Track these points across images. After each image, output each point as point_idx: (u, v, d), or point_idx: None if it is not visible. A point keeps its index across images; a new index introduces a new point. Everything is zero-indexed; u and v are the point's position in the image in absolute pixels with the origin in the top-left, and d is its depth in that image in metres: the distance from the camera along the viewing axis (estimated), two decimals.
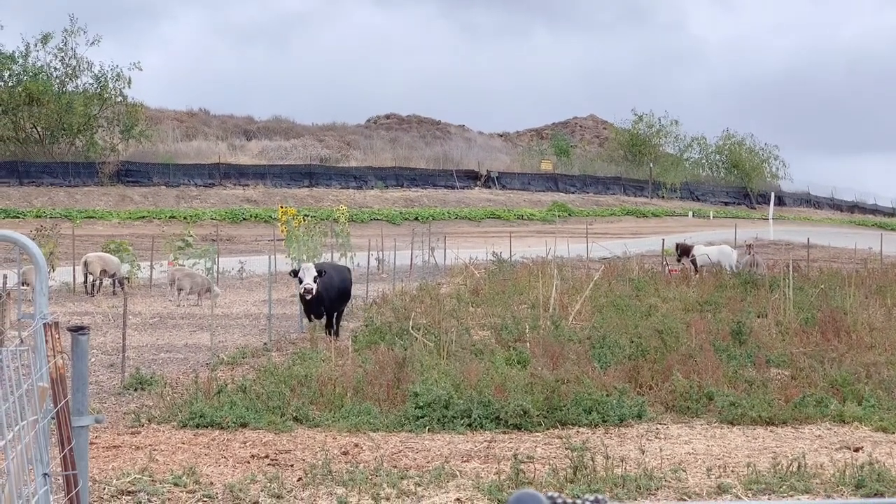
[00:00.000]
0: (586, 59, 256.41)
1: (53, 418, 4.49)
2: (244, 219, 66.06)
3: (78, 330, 4.92)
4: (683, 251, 34.11)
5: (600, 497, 1.97)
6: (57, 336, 4.43)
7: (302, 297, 20.00)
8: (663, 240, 38.21)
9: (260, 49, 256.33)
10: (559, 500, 1.97)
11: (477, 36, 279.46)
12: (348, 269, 23.34)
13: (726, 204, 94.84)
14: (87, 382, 5.02)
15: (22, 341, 4.26)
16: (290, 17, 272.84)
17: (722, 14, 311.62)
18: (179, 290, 29.19)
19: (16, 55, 71.90)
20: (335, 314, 20.83)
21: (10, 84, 71.58)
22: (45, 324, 4.42)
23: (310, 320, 20.71)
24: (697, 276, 31.84)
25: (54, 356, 4.37)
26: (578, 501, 1.97)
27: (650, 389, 13.94)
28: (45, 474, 4.19)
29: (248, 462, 10.62)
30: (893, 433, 11.98)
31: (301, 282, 19.67)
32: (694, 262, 33.03)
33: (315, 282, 19.55)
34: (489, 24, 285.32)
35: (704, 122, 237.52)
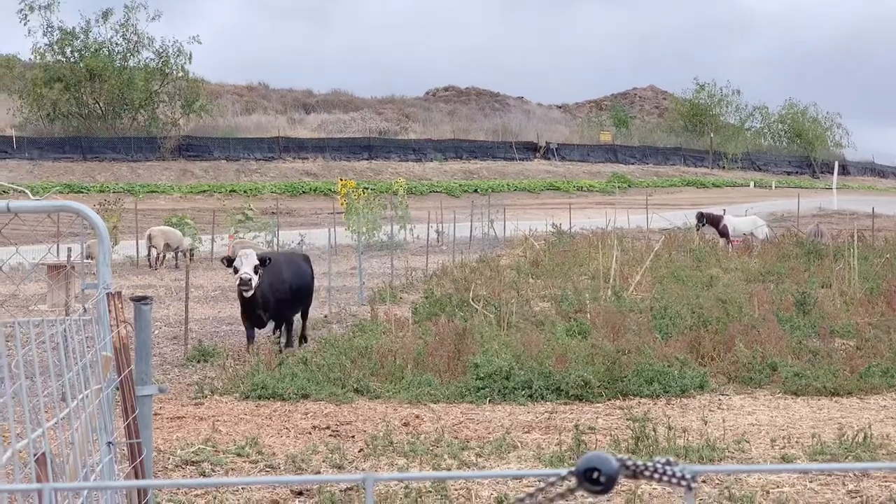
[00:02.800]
0: (641, 29, 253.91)
1: (117, 388, 4.53)
2: (303, 192, 66.35)
3: (141, 300, 4.94)
4: (712, 221, 33.52)
5: (671, 459, 1.93)
6: (120, 306, 4.46)
7: (240, 293, 15.32)
8: (700, 213, 37.68)
9: (312, 22, 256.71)
10: (629, 463, 1.93)
11: (525, 7, 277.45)
12: (306, 259, 17.86)
13: (788, 174, 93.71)
14: (151, 352, 5.05)
15: (86, 311, 4.29)
16: None
17: None
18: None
19: (77, 31, 72.53)
20: (285, 321, 16.47)
21: (71, 60, 72.25)
22: (108, 293, 4.44)
23: (249, 335, 15.74)
24: (729, 246, 31.45)
25: (117, 326, 4.39)
26: (650, 464, 1.94)
27: (712, 360, 13.82)
28: (110, 443, 4.22)
29: (310, 433, 10.67)
30: None
31: (236, 271, 15.08)
32: (725, 232, 32.55)
33: (256, 273, 14.99)
34: None
35: (763, 91, 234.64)
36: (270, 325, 16.21)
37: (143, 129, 73.78)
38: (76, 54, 72.44)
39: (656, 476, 1.92)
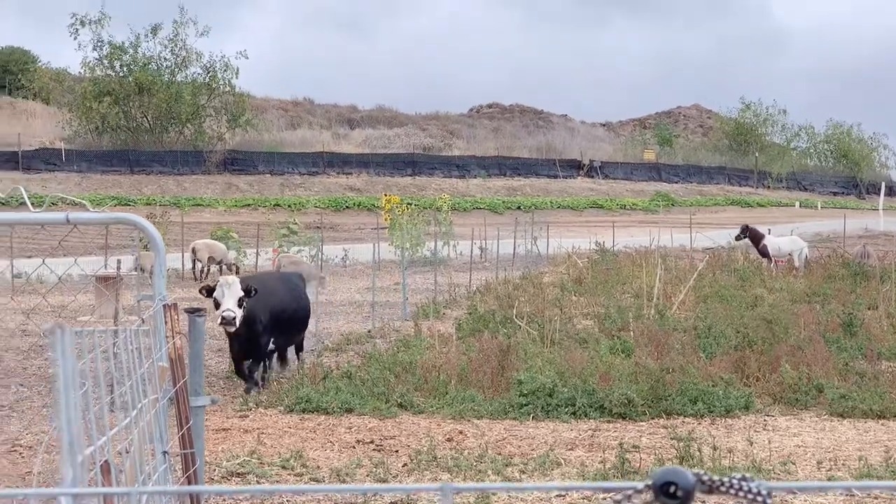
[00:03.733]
0: (682, 47, 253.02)
1: (171, 398, 4.59)
2: (347, 207, 66.58)
3: (195, 312, 5.02)
4: (754, 238, 33.18)
5: (747, 476, 1.95)
6: (176, 317, 4.53)
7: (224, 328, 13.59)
8: (746, 225, 37.47)
9: (352, 38, 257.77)
10: (705, 478, 1.96)
11: (568, 24, 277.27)
12: (300, 278, 16.31)
13: (834, 194, 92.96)
14: (203, 364, 5.12)
15: (143, 321, 4.36)
16: (374, 4, 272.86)
17: (803, 2, 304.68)
18: None
19: (126, 46, 73.26)
20: (279, 352, 15.10)
21: (121, 74, 72.98)
22: (164, 305, 4.51)
23: (238, 369, 14.19)
24: (773, 266, 31.20)
25: (173, 337, 4.46)
26: (726, 479, 1.96)
27: (757, 380, 13.74)
28: (165, 452, 4.28)
29: (354, 447, 10.72)
30: None
31: (218, 306, 13.30)
32: (765, 252, 32.25)
33: (241, 307, 13.19)
34: (567, 13, 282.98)
35: (802, 109, 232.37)
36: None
37: (190, 142, 74.37)
38: (125, 68, 73.15)
39: (732, 491, 1.94)
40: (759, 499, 1.92)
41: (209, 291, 13.53)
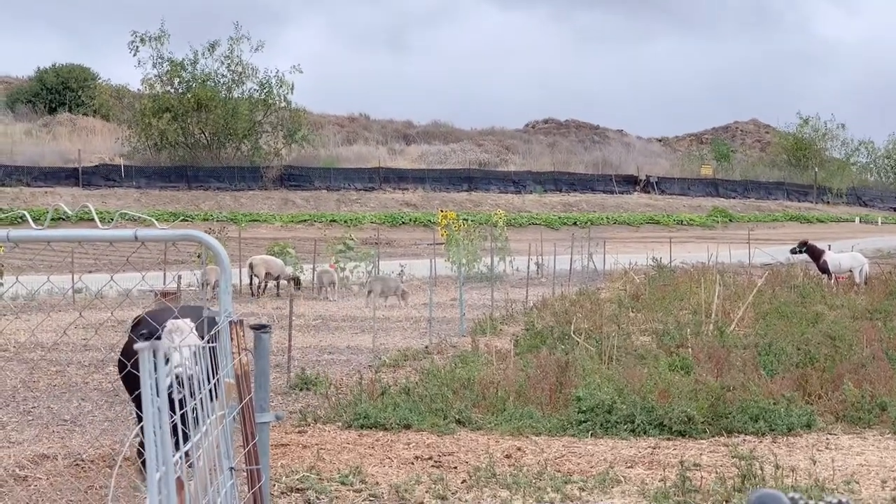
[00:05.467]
0: (732, 62, 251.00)
1: (238, 414, 4.61)
2: (403, 222, 66.77)
3: (261, 328, 5.04)
4: (813, 253, 32.68)
5: (843, 499, 1.93)
6: (242, 333, 4.56)
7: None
8: (805, 240, 37.06)
9: (405, 54, 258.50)
10: (801, 501, 1.94)
11: (622, 40, 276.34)
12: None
13: (895, 210, 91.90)
14: (269, 380, 5.15)
15: (211, 339, 4.39)
16: (419, 21, 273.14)
17: (851, 15, 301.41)
18: (369, 292, 29.84)
19: (185, 62, 74.03)
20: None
21: (179, 91, 73.76)
22: (230, 321, 4.54)
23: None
24: (832, 282, 30.78)
25: (239, 353, 4.49)
26: (821, 503, 1.94)
27: (819, 398, 13.57)
28: (232, 468, 4.31)
29: (412, 463, 10.72)
30: None
31: (166, 360, 5.89)
32: (825, 268, 31.78)
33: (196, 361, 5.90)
34: (617, 29, 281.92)
35: (861, 126, 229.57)
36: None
37: (247, 158, 74.98)
38: (184, 85, 73.92)
39: None
40: None
41: (148, 336, 8.64)
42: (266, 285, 32.76)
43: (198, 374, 8.99)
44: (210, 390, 4.02)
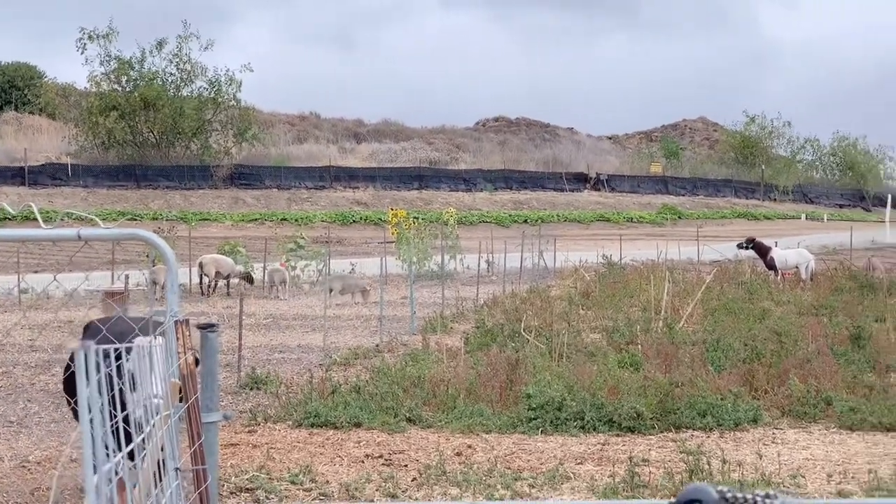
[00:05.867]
0: (683, 60, 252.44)
1: (184, 414, 4.59)
2: (354, 221, 66.61)
3: (208, 327, 5.02)
4: (760, 250, 32.99)
5: (770, 493, 1.96)
6: (188, 333, 4.54)
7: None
8: (752, 237, 37.42)
9: (355, 52, 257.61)
10: (729, 495, 1.97)
11: (572, 38, 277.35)
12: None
13: (840, 207, 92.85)
14: (217, 379, 5.13)
15: (155, 338, 4.37)
16: (368, 19, 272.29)
17: (797, 14, 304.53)
18: (331, 290, 29.81)
19: (133, 61, 73.40)
20: None
21: (127, 89, 73.14)
22: (176, 321, 4.52)
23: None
24: (779, 278, 31.12)
25: (185, 353, 4.47)
26: (749, 496, 1.96)
27: (766, 394, 13.72)
28: (177, 469, 4.29)
29: (363, 461, 10.72)
30: None
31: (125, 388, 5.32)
32: (772, 264, 32.10)
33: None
34: (567, 27, 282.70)
35: (807, 124, 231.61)
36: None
37: (196, 157, 74.43)
38: (132, 83, 73.30)
39: None
40: None
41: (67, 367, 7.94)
42: (216, 284, 32.59)
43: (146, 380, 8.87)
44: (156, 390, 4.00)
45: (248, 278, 32.74)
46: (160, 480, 4.06)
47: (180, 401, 4.48)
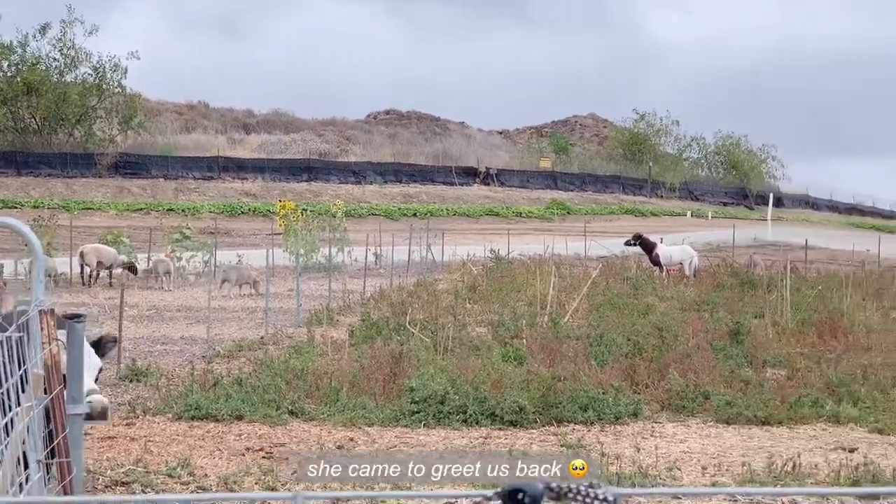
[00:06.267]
0: (575, 59, 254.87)
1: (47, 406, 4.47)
2: (242, 212, 65.93)
3: (73, 318, 4.89)
4: (646, 246, 33.52)
5: (594, 482, 1.95)
6: (52, 323, 4.41)
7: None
8: (639, 234, 38.01)
9: (244, 42, 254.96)
10: (553, 485, 1.96)
11: (465, 32, 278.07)
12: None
13: (725, 204, 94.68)
14: (83, 371, 5.00)
15: (18, 328, 4.24)
16: (256, 8, 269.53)
17: (686, 14, 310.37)
18: (224, 281, 29.44)
19: (14, 45, 71.68)
20: None
21: (8, 74, 71.38)
22: (40, 311, 4.39)
23: None
24: (664, 274, 31.67)
25: (49, 343, 4.34)
26: (574, 486, 1.96)
27: (646, 388, 13.91)
28: (39, 461, 4.17)
29: (243, 455, 10.60)
30: (889, 434, 11.98)
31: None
32: (657, 260, 32.66)
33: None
34: (458, 21, 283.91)
35: (698, 123, 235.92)
36: None
37: (80, 145, 72.91)
38: (13, 68, 71.58)
39: (579, 498, 1.95)
40: None
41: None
42: (98, 274, 31.98)
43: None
44: (17, 382, 3.88)
45: (132, 268, 32.20)
46: (23, 472, 3.94)
47: (45, 392, 4.36)
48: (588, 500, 1.97)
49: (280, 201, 51.02)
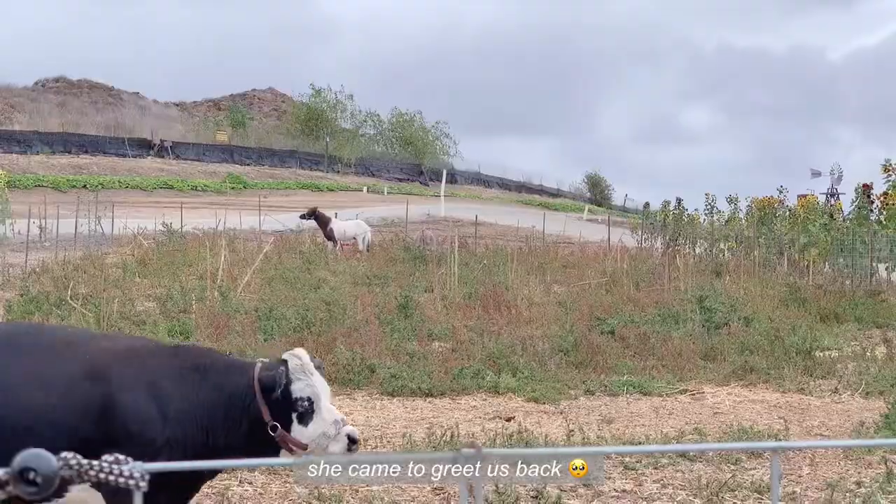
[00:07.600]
0: (252, 32, 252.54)
1: None
2: None
3: None
4: (321, 221, 33.86)
5: (120, 457, 1.85)
6: None
7: None
8: (315, 208, 38.24)
9: None
10: (73, 462, 1.84)
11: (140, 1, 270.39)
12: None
13: (401, 180, 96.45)
14: None
15: None
16: None
17: None
18: None
19: None
20: None
21: None
22: None
23: None
24: (338, 248, 32.07)
25: None
26: (95, 463, 1.85)
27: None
28: None
29: None
30: (543, 403, 12.47)
31: None
32: (331, 235, 33.05)
33: None
34: None
35: (374, 99, 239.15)
36: None
37: None
38: None
39: (103, 476, 1.85)
40: (132, 482, 1.84)
41: None
42: None
43: None
44: None
45: None
46: None
47: None
48: (112, 477, 1.86)
49: None
